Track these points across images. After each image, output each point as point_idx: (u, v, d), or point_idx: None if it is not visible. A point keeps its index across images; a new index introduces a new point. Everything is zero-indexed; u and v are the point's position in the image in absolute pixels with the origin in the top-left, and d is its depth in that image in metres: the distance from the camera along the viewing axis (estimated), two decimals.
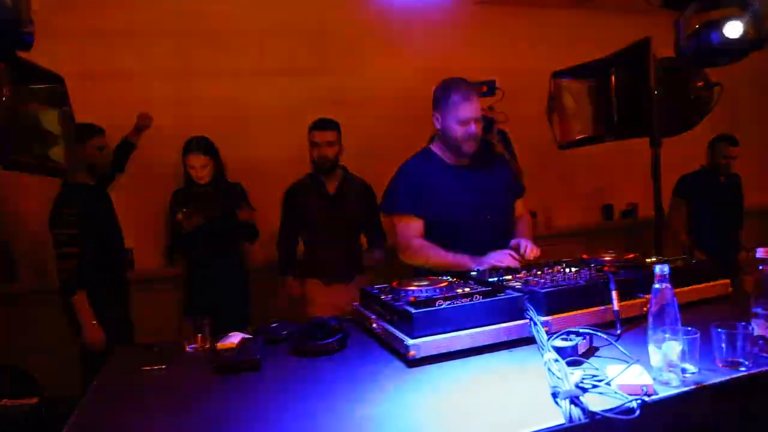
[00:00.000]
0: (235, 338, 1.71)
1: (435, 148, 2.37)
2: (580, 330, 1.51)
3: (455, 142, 2.23)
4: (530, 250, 2.10)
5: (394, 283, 1.80)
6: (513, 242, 2.19)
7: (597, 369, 1.33)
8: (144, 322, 3.22)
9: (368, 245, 3.34)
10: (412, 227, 2.27)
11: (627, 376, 1.24)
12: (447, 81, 2.28)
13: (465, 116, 2.18)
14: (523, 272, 1.94)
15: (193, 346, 1.77)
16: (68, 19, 3.37)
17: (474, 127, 2.19)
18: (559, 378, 1.24)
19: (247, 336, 1.76)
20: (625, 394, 1.18)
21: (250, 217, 3.11)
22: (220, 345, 1.68)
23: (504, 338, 1.57)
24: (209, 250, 3.12)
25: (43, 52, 2.06)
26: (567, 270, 1.87)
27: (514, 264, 2.04)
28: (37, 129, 2.20)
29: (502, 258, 2.07)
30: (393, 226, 2.35)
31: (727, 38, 2.05)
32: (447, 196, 2.25)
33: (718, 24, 2.08)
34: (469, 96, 2.19)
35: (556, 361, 1.31)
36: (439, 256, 2.17)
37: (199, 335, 1.78)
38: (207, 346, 1.78)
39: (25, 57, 2.02)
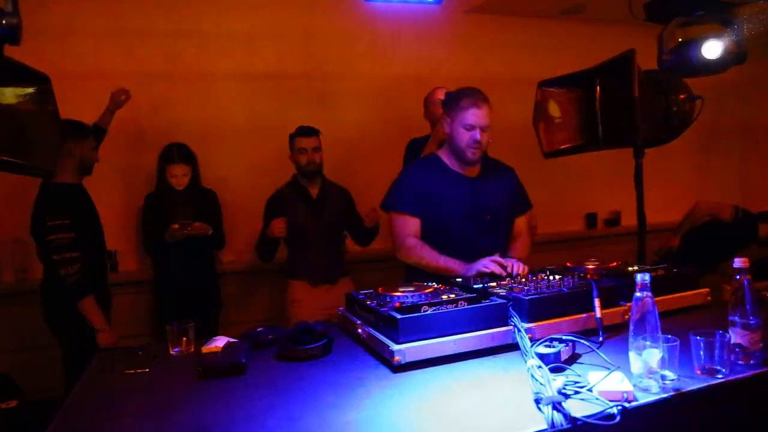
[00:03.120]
0: (220, 342, 1.71)
1: (442, 154, 2.40)
2: (563, 337, 1.53)
3: (460, 147, 2.26)
4: (516, 270, 2.09)
5: (380, 289, 1.80)
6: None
7: (579, 375, 1.35)
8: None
9: (355, 239, 3.40)
10: (407, 225, 2.30)
11: (608, 383, 1.26)
12: (461, 88, 2.33)
13: (471, 122, 2.21)
14: (508, 279, 1.96)
15: (177, 349, 1.76)
16: (55, 19, 3.34)
17: (478, 135, 2.22)
18: (542, 384, 1.26)
19: (232, 340, 1.75)
20: (606, 401, 1.20)
21: (204, 231, 3.11)
22: (204, 349, 1.68)
23: (488, 344, 1.58)
24: (186, 254, 3.14)
25: (29, 51, 2.05)
26: (551, 278, 1.89)
27: (498, 270, 2.05)
28: (22, 128, 2.17)
29: (487, 264, 2.08)
30: (390, 222, 2.37)
31: (707, 57, 2.10)
32: (445, 203, 2.27)
33: (699, 40, 2.13)
34: (478, 103, 2.23)
35: (540, 367, 1.33)
36: (431, 257, 2.22)
37: (184, 338, 1.77)
38: (191, 349, 1.77)
39: (11, 56, 2.00)
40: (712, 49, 2.10)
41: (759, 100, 5.57)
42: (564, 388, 1.26)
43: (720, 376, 1.36)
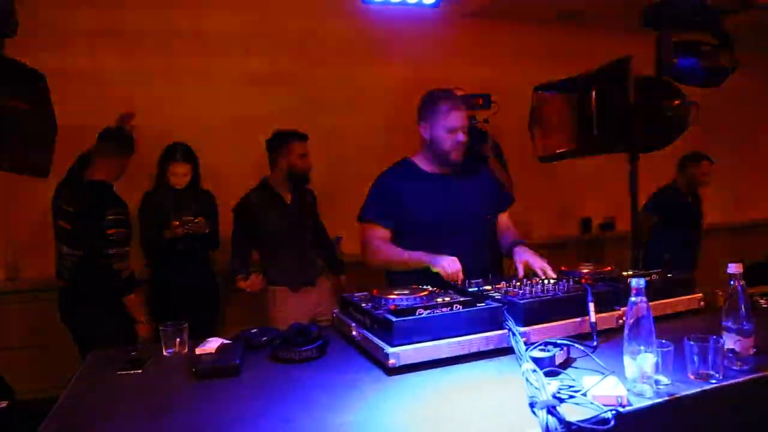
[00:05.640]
0: (214, 343, 1.70)
1: (415, 158, 2.38)
2: (558, 341, 1.53)
3: (443, 150, 2.24)
4: (549, 272, 2.03)
5: (375, 292, 1.80)
6: (521, 260, 2.11)
7: (574, 380, 1.35)
8: None
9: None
10: (375, 232, 2.27)
11: (603, 387, 1.26)
12: (434, 91, 2.30)
13: (454, 125, 2.20)
14: (503, 283, 1.96)
15: (171, 350, 1.75)
16: (51, 17, 3.33)
17: (462, 136, 2.22)
18: (536, 388, 1.26)
19: (226, 341, 1.74)
20: (601, 405, 1.20)
21: (203, 229, 3.14)
22: (198, 350, 1.67)
23: (483, 348, 1.58)
24: (183, 254, 3.15)
25: (25, 49, 2.04)
26: (545, 282, 1.90)
27: (454, 279, 1.97)
28: (17, 127, 2.16)
29: (447, 270, 1.98)
30: (361, 232, 2.34)
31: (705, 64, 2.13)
32: (420, 205, 2.25)
33: (695, 46, 2.16)
34: (457, 105, 2.22)
35: (534, 371, 1.33)
36: (396, 253, 2.18)
37: (177, 339, 1.76)
38: (185, 350, 1.76)
39: (6, 54, 1.99)
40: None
41: (753, 107, 5.62)
42: (558, 393, 1.26)
43: (713, 381, 1.36)
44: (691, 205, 4.17)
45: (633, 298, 1.35)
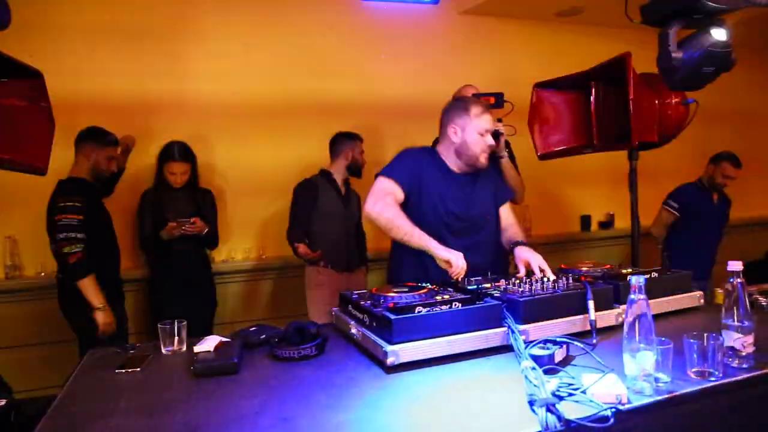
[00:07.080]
0: (212, 342, 1.70)
1: (441, 151, 2.36)
2: (557, 339, 1.53)
3: (474, 154, 2.25)
4: (548, 272, 2.01)
5: (374, 289, 1.80)
6: (522, 259, 2.11)
7: (573, 377, 1.35)
8: None
9: None
10: (392, 187, 2.19)
11: (602, 385, 1.26)
12: (461, 97, 2.40)
13: (485, 127, 2.24)
14: (503, 281, 1.96)
15: (169, 348, 1.75)
16: (49, 15, 3.32)
17: (491, 139, 2.27)
18: (535, 386, 1.25)
19: (224, 339, 1.74)
20: (600, 403, 1.20)
21: (201, 229, 3.14)
22: (197, 348, 1.67)
23: (482, 346, 1.58)
24: (182, 253, 3.16)
25: (23, 47, 2.04)
26: (545, 279, 1.89)
27: (458, 275, 1.96)
28: (14, 125, 2.16)
29: (454, 261, 1.96)
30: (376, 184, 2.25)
31: (712, 47, 2.13)
32: (435, 197, 2.25)
33: (698, 43, 2.15)
34: (486, 109, 2.29)
35: (533, 369, 1.33)
36: (404, 222, 2.08)
37: (176, 338, 1.76)
38: (183, 349, 1.76)
39: (4, 51, 1.99)
40: (720, 34, 2.15)
41: (754, 105, 5.61)
42: (558, 390, 1.26)
43: (713, 378, 1.36)
44: (714, 204, 4.09)
45: (633, 296, 1.35)
